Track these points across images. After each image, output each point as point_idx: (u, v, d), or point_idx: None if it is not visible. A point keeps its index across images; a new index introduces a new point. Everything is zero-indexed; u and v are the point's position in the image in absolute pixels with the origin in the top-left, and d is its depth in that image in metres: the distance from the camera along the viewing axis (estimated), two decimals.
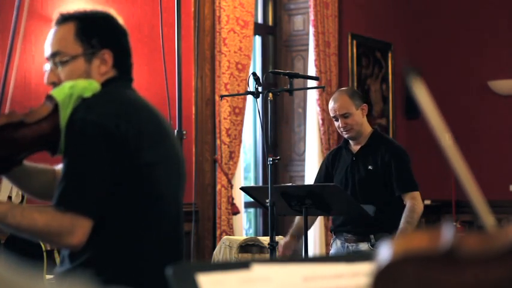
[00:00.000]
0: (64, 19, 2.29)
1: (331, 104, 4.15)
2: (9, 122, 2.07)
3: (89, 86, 2.16)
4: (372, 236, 4.00)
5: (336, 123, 4.14)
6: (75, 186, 2.04)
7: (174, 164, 2.26)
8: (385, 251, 0.73)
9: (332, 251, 4.20)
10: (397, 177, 4.00)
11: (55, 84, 2.22)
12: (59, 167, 2.31)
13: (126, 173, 2.09)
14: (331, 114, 4.15)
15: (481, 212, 0.80)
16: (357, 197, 4.01)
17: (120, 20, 2.34)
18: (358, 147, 4.13)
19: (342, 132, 4.13)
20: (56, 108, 2.10)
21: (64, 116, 2.10)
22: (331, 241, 4.25)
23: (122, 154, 2.08)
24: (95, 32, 2.25)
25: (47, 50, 2.26)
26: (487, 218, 0.79)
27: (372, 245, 4.00)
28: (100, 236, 2.08)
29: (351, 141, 4.18)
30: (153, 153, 2.15)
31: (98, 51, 2.23)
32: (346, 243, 4.07)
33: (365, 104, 4.17)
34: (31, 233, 2.06)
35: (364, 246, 4.02)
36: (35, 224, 2.02)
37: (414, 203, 3.98)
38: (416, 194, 4.05)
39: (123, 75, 2.32)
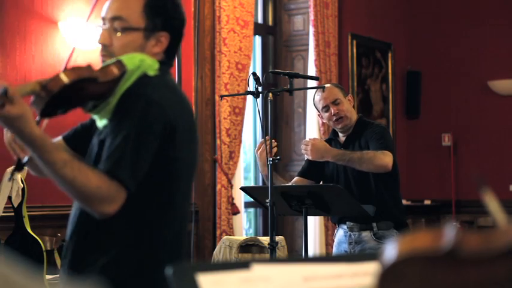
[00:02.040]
0: None
1: (318, 96, 4.13)
2: (88, 77, 2.06)
3: (154, 65, 2.19)
4: (374, 224, 4.00)
5: (326, 115, 4.09)
6: (128, 158, 2.05)
7: (195, 163, 2.30)
8: (389, 251, 0.74)
9: (335, 240, 4.19)
10: (372, 140, 3.95)
11: (105, 46, 2.23)
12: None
13: (165, 160, 2.12)
14: (322, 105, 4.09)
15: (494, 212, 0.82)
16: (352, 188, 3.98)
17: (182, 6, 2.35)
18: (345, 137, 4.12)
19: (333, 122, 4.09)
20: (122, 74, 2.12)
21: (125, 84, 2.12)
22: (335, 231, 4.24)
23: (168, 141, 2.11)
24: (161, 12, 2.23)
25: (108, 11, 2.24)
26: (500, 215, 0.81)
27: (374, 234, 3.99)
28: (117, 218, 2.08)
29: (339, 133, 4.16)
30: (187, 149, 2.19)
31: (157, 31, 2.22)
32: (349, 232, 4.06)
33: (350, 95, 4.21)
34: (78, 190, 2.02)
35: (367, 234, 4.01)
36: (89, 182, 2.00)
37: (380, 154, 3.85)
38: (388, 153, 3.88)
39: (168, 61, 2.31)
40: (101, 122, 2.17)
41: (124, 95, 2.12)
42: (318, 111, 4.19)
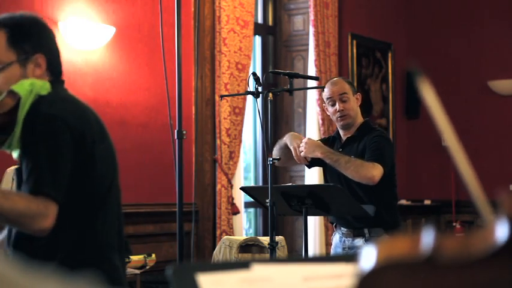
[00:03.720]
0: None
1: (328, 87, 4.09)
2: None
3: (45, 85, 2.28)
4: (366, 231, 3.99)
5: (331, 109, 4.06)
6: (46, 174, 2.16)
7: (115, 158, 2.41)
8: (367, 258, 0.72)
9: (332, 244, 4.19)
10: (369, 150, 3.92)
11: None
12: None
13: (84, 164, 2.24)
14: (328, 96, 4.06)
15: (482, 211, 0.80)
16: (349, 189, 3.97)
17: (45, 23, 2.42)
18: (346, 138, 4.10)
19: (337, 118, 4.06)
20: (18, 101, 2.21)
21: (23, 110, 2.21)
22: (332, 234, 4.24)
23: (80, 146, 2.22)
24: (26, 38, 2.32)
25: None
26: (489, 216, 0.79)
27: (366, 240, 3.99)
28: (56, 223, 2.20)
29: (341, 132, 4.14)
30: (102, 147, 2.30)
31: (31, 56, 2.31)
32: (343, 238, 4.07)
33: (359, 93, 4.16)
34: (9, 215, 2.13)
35: (359, 241, 4.01)
36: (16, 206, 2.12)
37: (369, 164, 3.82)
38: (377, 165, 3.84)
39: (57, 79, 2.40)
40: (15, 154, 2.28)
41: (25, 120, 2.21)
42: (324, 103, 4.16)
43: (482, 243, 0.71)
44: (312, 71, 6.75)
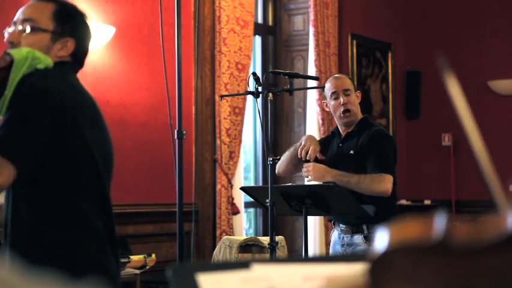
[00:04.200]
0: None
1: (331, 82, 4.13)
2: None
3: (44, 60, 2.30)
4: (364, 227, 4.00)
5: (334, 103, 4.07)
6: (12, 136, 2.19)
7: (107, 149, 2.42)
8: (380, 240, 0.73)
9: (331, 241, 4.20)
10: (372, 156, 3.94)
11: (12, 44, 2.37)
12: None
13: (63, 144, 2.24)
14: (333, 90, 4.07)
15: (497, 197, 0.81)
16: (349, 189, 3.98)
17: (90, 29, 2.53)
18: (345, 133, 4.12)
19: (340, 114, 4.06)
20: (10, 64, 2.23)
21: (15, 75, 2.23)
22: (331, 232, 4.25)
23: (63, 123, 2.23)
24: (69, 19, 2.42)
25: (20, 15, 2.41)
26: (503, 203, 0.80)
27: (365, 237, 3.99)
28: (33, 200, 2.24)
29: (341, 128, 4.14)
30: (92, 133, 2.31)
31: (65, 36, 2.39)
32: (342, 234, 4.08)
33: (359, 91, 4.20)
34: None
35: (358, 238, 4.01)
36: None
37: (379, 178, 3.86)
38: (387, 176, 3.89)
39: (74, 63, 2.46)
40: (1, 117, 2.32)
41: (14, 89, 2.24)
42: (325, 99, 4.17)
43: (494, 229, 0.71)
44: (312, 71, 6.75)
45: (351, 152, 4.02)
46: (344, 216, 4.04)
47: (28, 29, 2.36)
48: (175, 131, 3.45)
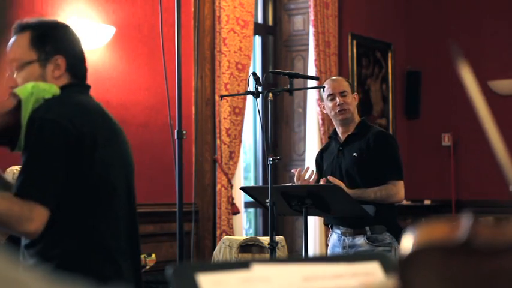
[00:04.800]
0: (21, 28, 2.44)
1: (328, 83, 4.21)
2: None
3: (49, 89, 2.32)
4: (367, 228, 4.00)
5: (330, 104, 4.13)
6: (34, 177, 2.19)
7: (125, 164, 2.43)
8: (409, 240, 0.77)
9: (330, 244, 4.20)
10: (384, 162, 4.01)
11: (12, 88, 2.36)
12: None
13: (81, 168, 2.24)
14: (329, 93, 4.14)
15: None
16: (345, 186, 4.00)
17: (72, 29, 2.52)
18: (345, 136, 4.14)
19: (336, 113, 4.12)
20: (19, 104, 2.25)
21: (25, 112, 2.25)
22: (329, 235, 4.26)
23: (78, 150, 2.23)
24: (48, 40, 2.41)
25: (7, 58, 2.43)
26: None
27: (368, 238, 4.00)
28: (54, 227, 2.21)
29: (339, 130, 4.17)
30: (106, 152, 2.31)
31: (51, 57, 2.39)
32: (343, 237, 4.08)
33: (356, 93, 4.26)
34: None
35: (360, 239, 4.02)
36: None
37: (394, 189, 3.99)
38: (400, 184, 4.03)
39: (79, 82, 2.46)
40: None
41: (26, 124, 2.25)
42: (322, 100, 4.22)
43: None
44: (312, 71, 6.75)
45: (354, 154, 4.04)
46: (344, 216, 4.04)
47: (16, 70, 2.39)
48: (175, 131, 3.45)
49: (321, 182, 4.04)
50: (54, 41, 2.42)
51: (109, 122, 2.41)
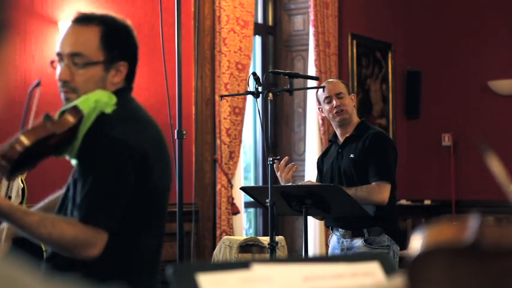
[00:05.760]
0: (88, 20, 2.32)
1: (324, 86, 4.19)
2: (45, 136, 2.13)
3: (110, 102, 2.22)
4: (365, 231, 4.00)
5: (328, 106, 4.12)
6: (102, 203, 2.12)
7: (169, 180, 2.35)
8: (416, 242, 0.78)
9: (330, 246, 4.21)
10: (371, 162, 3.98)
11: (66, 82, 2.25)
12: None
13: (142, 189, 2.18)
14: (325, 95, 4.12)
15: None
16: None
17: (133, 29, 2.40)
18: (344, 137, 4.14)
19: (333, 114, 4.11)
20: (80, 120, 2.17)
21: (85, 126, 2.17)
22: (329, 237, 4.26)
23: (142, 172, 2.17)
24: (118, 43, 2.30)
25: (65, 47, 2.27)
26: None
27: (366, 240, 4.00)
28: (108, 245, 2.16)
29: (339, 132, 4.18)
30: (158, 170, 2.24)
31: (116, 62, 2.28)
32: (342, 239, 4.08)
33: (353, 94, 4.26)
34: (57, 243, 2.11)
35: (358, 241, 4.02)
36: (64, 235, 2.09)
37: (375, 189, 3.92)
38: (384, 186, 3.95)
39: (128, 86, 2.37)
40: (73, 161, 2.24)
41: (85, 136, 2.17)
42: (319, 103, 4.21)
43: None
44: (312, 71, 6.75)
45: (351, 155, 4.04)
46: (344, 216, 4.05)
47: (79, 65, 2.24)
48: (175, 131, 3.45)
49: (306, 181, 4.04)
50: (122, 45, 2.31)
51: (160, 135, 2.34)
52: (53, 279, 0.67)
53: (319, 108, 4.28)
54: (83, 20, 2.32)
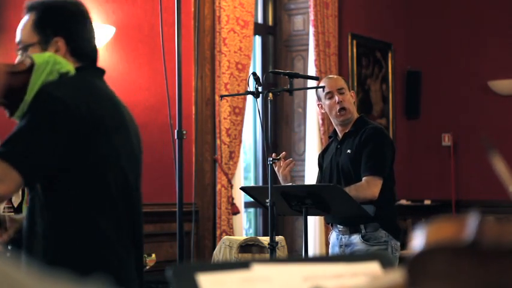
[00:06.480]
0: (28, 9, 2.43)
1: (325, 82, 4.19)
2: (9, 70, 2.23)
3: (65, 65, 2.29)
4: (362, 227, 4.01)
5: (329, 102, 4.11)
6: (20, 143, 2.17)
7: (127, 155, 2.35)
8: (417, 240, 0.78)
9: (330, 243, 4.23)
10: (364, 158, 3.97)
11: None
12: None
13: (79, 154, 2.20)
14: (327, 91, 4.12)
15: None
16: (341, 184, 4.00)
17: (82, 10, 2.45)
18: (343, 134, 4.15)
19: (336, 112, 4.10)
20: (31, 67, 2.24)
21: (35, 79, 2.23)
22: (330, 233, 4.27)
23: (78, 135, 2.19)
24: (49, 22, 2.39)
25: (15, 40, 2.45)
26: None
27: (363, 236, 4.00)
28: (51, 213, 2.21)
29: (338, 129, 4.18)
30: (107, 143, 2.26)
31: (51, 39, 2.36)
32: (340, 235, 4.10)
33: (353, 91, 4.27)
34: None
35: (356, 237, 4.03)
36: None
37: (364, 185, 3.91)
38: (373, 180, 3.94)
39: (91, 65, 2.44)
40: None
41: (33, 97, 2.22)
42: (319, 100, 4.21)
43: None
44: (312, 71, 6.75)
45: (348, 151, 4.05)
46: (344, 216, 4.05)
47: (20, 51, 2.40)
48: (175, 131, 3.45)
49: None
50: (54, 23, 2.38)
51: (117, 110, 2.37)
52: (46, 276, 0.67)
53: (318, 104, 4.27)
54: (26, 10, 2.44)
